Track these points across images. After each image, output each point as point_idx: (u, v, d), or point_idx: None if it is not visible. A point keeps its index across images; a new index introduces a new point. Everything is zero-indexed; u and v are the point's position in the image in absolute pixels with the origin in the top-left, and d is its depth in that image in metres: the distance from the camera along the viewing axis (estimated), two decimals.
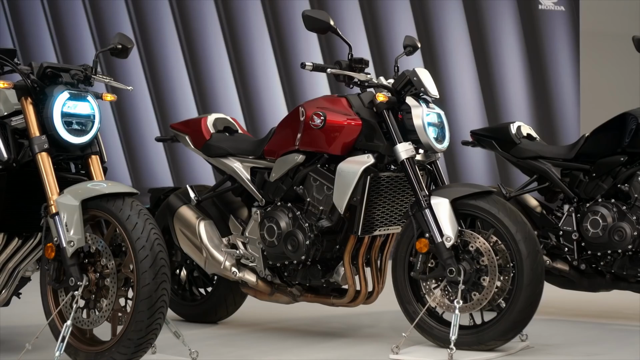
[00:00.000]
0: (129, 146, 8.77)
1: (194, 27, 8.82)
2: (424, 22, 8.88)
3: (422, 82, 4.37)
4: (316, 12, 4.46)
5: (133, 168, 8.79)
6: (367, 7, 8.79)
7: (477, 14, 8.95)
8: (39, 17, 8.77)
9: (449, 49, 8.93)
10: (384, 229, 4.55)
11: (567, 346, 4.51)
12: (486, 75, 8.95)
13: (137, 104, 8.81)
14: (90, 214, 3.82)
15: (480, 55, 8.93)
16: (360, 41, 8.66)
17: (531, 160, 5.30)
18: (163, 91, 8.84)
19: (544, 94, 9.00)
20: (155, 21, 8.82)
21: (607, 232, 4.96)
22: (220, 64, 8.83)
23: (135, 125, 8.76)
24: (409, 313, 4.38)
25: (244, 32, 8.82)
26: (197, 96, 8.82)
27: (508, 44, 8.97)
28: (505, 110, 8.94)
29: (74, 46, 8.69)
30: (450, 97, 8.89)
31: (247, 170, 4.82)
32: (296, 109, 4.65)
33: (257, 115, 8.80)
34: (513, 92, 9.00)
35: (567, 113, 9.04)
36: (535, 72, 8.98)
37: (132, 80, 8.73)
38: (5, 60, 3.96)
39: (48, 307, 3.93)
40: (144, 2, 8.80)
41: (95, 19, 8.76)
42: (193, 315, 5.21)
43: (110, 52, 4.29)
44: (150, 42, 8.83)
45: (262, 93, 8.82)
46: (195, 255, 4.93)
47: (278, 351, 4.41)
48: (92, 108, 3.98)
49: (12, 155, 3.95)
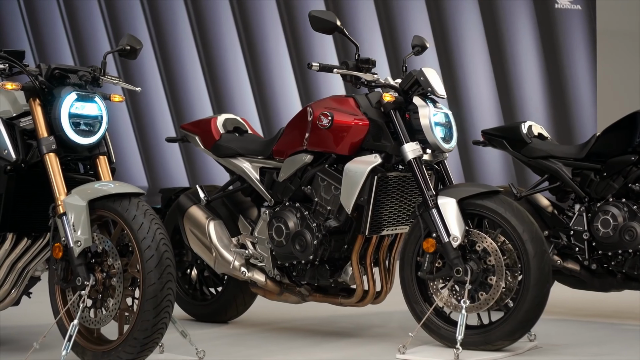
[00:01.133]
0: (145, 146, 8.82)
1: (209, 28, 8.86)
2: (440, 22, 8.88)
3: (430, 82, 4.37)
4: (323, 12, 4.47)
5: (149, 168, 8.83)
6: (383, 7, 8.80)
7: (493, 13, 8.93)
8: (55, 17, 8.83)
9: (464, 49, 8.91)
10: (391, 228, 4.55)
11: (575, 346, 4.50)
12: (502, 74, 8.93)
13: (153, 104, 8.85)
14: (98, 214, 3.84)
15: (496, 54, 8.92)
16: (376, 41, 8.67)
17: (542, 160, 5.29)
18: (179, 91, 8.88)
19: (561, 94, 8.97)
20: (171, 21, 8.87)
21: (617, 231, 4.94)
22: (235, 65, 8.86)
23: (151, 126, 8.80)
24: (417, 313, 4.38)
25: (259, 32, 8.84)
26: (213, 96, 8.86)
27: (524, 43, 8.95)
28: (522, 110, 8.92)
29: (89, 46, 8.75)
30: (467, 97, 8.88)
31: (256, 171, 4.83)
32: (304, 109, 4.66)
33: (272, 115, 8.82)
34: (529, 92, 8.98)
35: (584, 112, 9.01)
36: (552, 72, 8.95)
37: (147, 81, 8.78)
38: (14, 61, 3.99)
39: (56, 307, 3.96)
40: (160, 2, 8.84)
41: (110, 20, 8.81)
42: (203, 315, 5.24)
43: (119, 53, 4.32)
44: (166, 43, 8.88)
45: (278, 93, 8.84)
46: (205, 255, 4.95)
47: (285, 351, 4.42)
48: (100, 109, 4.01)
49: (20, 156, 3.98)
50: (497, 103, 8.94)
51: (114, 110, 8.68)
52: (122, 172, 8.86)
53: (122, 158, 8.89)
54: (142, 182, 8.75)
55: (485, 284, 4.23)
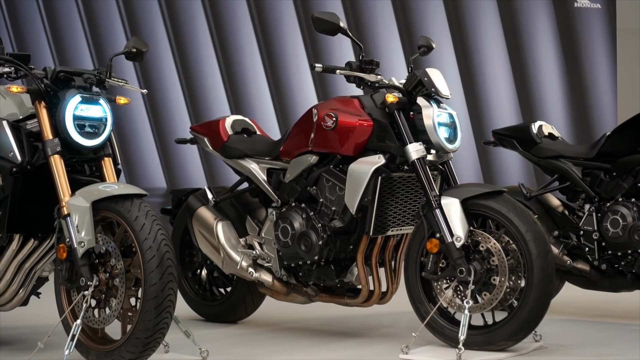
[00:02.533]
0: (163, 148, 8.88)
1: (227, 28, 8.90)
2: (458, 22, 8.86)
3: (433, 83, 4.38)
4: (326, 13, 4.49)
5: (167, 169, 8.89)
6: (400, 7, 8.80)
7: (512, 13, 8.90)
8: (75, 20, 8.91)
9: (483, 49, 8.89)
10: (397, 229, 4.56)
11: (581, 347, 4.48)
12: (521, 74, 8.90)
13: (171, 105, 8.91)
14: (101, 215, 3.89)
15: (515, 54, 8.89)
16: (393, 41, 8.66)
17: (552, 160, 5.27)
18: (196, 93, 8.93)
19: (580, 93, 8.92)
20: (189, 23, 8.92)
21: (627, 231, 4.92)
22: (253, 65, 8.89)
23: (169, 127, 8.85)
24: (421, 313, 4.39)
25: (276, 33, 8.87)
26: (230, 97, 8.90)
27: (543, 43, 8.92)
28: (541, 110, 8.88)
29: (108, 49, 8.81)
30: (485, 97, 8.86)
31: (264, 171, 4.86)
32: (309, 111, 4.69)
33: (290, 116, 8.84)
34: (549, 92, 8.94)
35: (604, 112, 8.95)
36: (571, 71, 8.91)
37: (166, 82, 8.84)
38: (19, 64, 4.04)
39: (62, 307, 4.02)
40: (178, 3, 8.90)
41: (129, 22, 8.88)
42: (213, 315, 5.27)
43: (125, 55, 4.36)
44: (184, 44, 8.93)
45: (295, 94, 8.86)
46: (214, 255, 4.99)
47: (289, 351, 4.44)
48: (104, 111, 4.05)
49: (26, 157, 4.04)
50: (516, 103, 8.91)
51: (132, 112, 8.78)
52: (141, 173, 8.93)
53: (140, 159, 8.96)
54: (160, 183, 8.82)
55: (488, 284, 4.23)
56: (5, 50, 4.09)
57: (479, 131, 8.74)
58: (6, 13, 8.98)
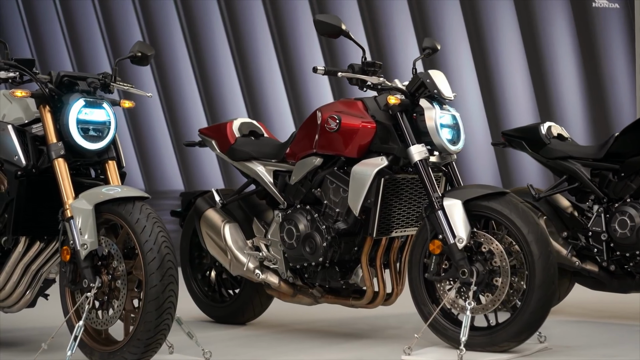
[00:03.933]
0: (180, 150, 8.93)
1: (243, 31, 8.93)
2: (475, 22, 8.85)
3: (436, 84, 4.39)
4: (328, 16, 4.51)
5: (185, 171, 8.93)
6: (417, 7, 8.79)
7: (530, 12, 8.88)
8: (92, 21, 8.98)
9: (500, 49, 8.87)
10: (401, 230, 4.57)
11: (586, 348, 4.47)
12: (539, 75, 8.87)
13: (188, 107, 8.95)
14: (104, 218, 3.93)
15: (532, 54, 8.86)
16: (409, 41, 8.66)
17: (561, 161, 5.27)
18: (213, 95, 8.97)
19: (599, 93, 8.88)
20: (206, 25, 8.96)
21: (635, 232, 4.91)
22: (269, 67, 8.92)
23: (186, 129, 8.90)
24: (424, 314, 4.40)
25: (292, 35, 8.90)
26: (247, 99, 8.93)
27: (561, 43, 8.88)
28: (559, 110, 8.85)
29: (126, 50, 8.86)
30: (503, 98, 8.84)
31: (270, 174, 4.89)
32: (314, 113, 4.71)
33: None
34: (567, 92, 8.90)
35: (623, 112, 8.90)
36: (590, 71, 8.87)
37: (182, 85, 8.89)
38: (24, 70, 4.10)
39: (66, 308, 4.07)
40: (194, 5, 8.94)
41: (146, 23, 8.93)
42: (222, 317, 5.31)
43: (130, 60, 4.41)
44: (201, 46, 8.97)
45: (311, 95, 8.88)
46: (221, 257, 5.02)
47: (293, 352, 4.47)
48: (108, 115, 4.10)
49: (31, 161, 4.09)
50: (534, 103, 8.88)
51: (149, 114, 8.84)
52: (158, 175, 8.98)
53: (158, 161, 9.02)
54: (178, 185, 8.87)
55: (491, 285, 4.23)
56: (11, 55, 4.15)
57: (497, 132, 8.71)
58: (24, 16, 9.07)
